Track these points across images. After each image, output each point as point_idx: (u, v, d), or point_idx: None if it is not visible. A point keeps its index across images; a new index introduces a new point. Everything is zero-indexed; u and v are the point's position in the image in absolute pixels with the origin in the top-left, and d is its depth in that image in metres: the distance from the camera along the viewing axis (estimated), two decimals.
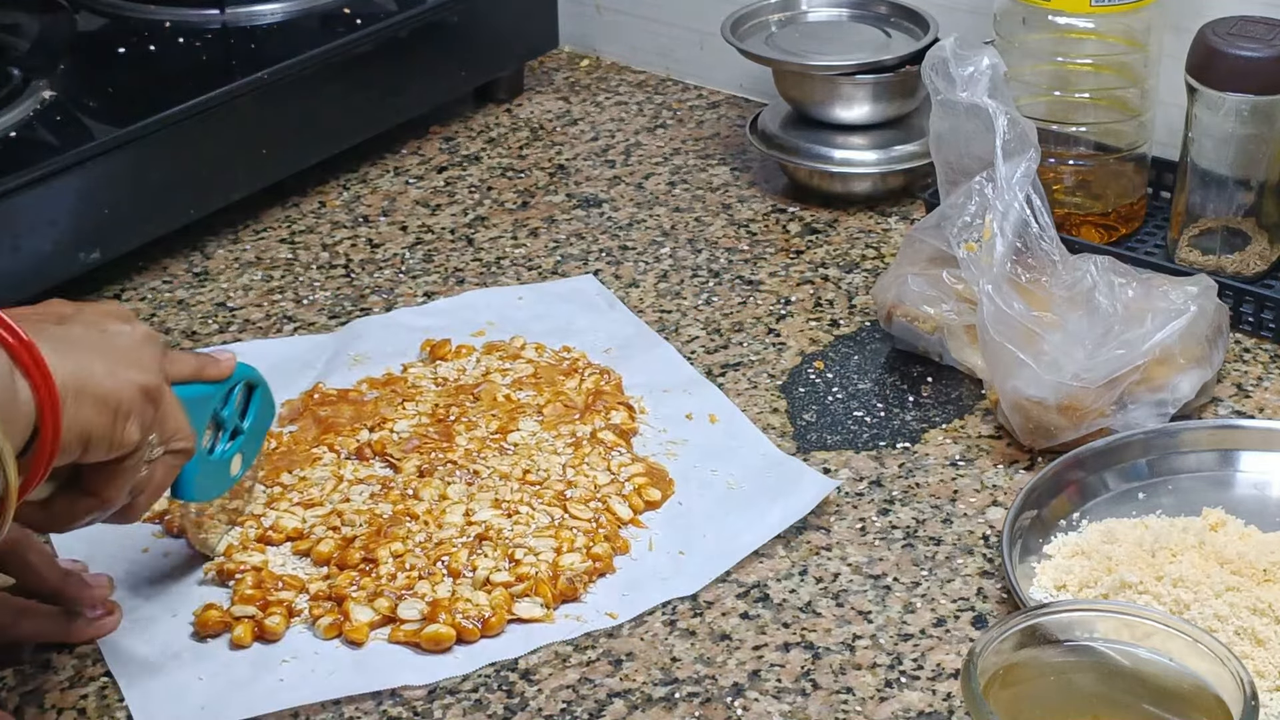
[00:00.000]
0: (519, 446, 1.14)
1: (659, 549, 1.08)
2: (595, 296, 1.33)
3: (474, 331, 1.28)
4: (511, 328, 1.29)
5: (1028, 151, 1.17)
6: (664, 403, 1.20)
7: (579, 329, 1.29)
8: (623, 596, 1.04)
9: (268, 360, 1.26)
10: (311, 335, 1.30)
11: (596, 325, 1.29)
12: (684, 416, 1.19)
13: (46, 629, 1.00)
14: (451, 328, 1.29)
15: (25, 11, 1.49)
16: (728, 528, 1.09)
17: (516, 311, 1.32)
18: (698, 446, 1.16)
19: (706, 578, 1.05)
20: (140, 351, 0.90)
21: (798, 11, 1.52)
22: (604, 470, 1.12)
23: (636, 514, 1.10)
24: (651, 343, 1.27)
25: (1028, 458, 1.15)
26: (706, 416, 1.19)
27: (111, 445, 0.88)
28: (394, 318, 1.31)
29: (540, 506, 1.08)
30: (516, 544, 1.05)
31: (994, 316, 1.13)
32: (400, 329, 1.29)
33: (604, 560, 1.05)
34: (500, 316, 1.30)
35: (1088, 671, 0.86)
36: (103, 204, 1.31)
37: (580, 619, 1.02)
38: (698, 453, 1.16)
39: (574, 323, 1.30)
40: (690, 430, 1.18)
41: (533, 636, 1.01)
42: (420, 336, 1.27)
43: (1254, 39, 1.22)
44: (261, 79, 1.40)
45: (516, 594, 1.02)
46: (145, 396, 0.89)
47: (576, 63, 1.74)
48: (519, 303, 1.33)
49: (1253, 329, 1.26)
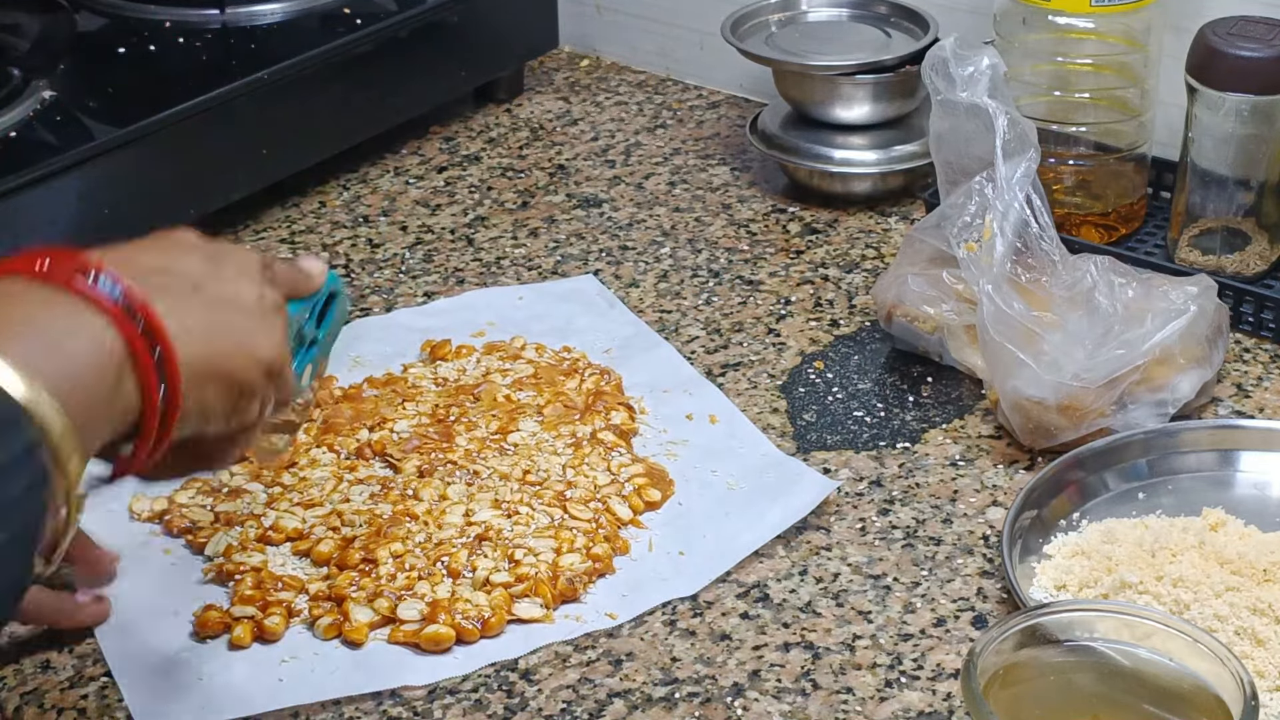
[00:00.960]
0: (519, 447, 1.14)
1: (659, 549, 1.08)
2: (595, 296, 1.33)
3: (474, 332, 1.28)
4: (511, 328, 1.29)
5: (1028, 151, 1.17)
6: (664, 403, 1.21)
7: (579, 329, 1.29)
8: (623, 597, 1.04)
9: None
10: None
11: (596, 325, 1.29)
12: (684, 417, 1.19)
13: (39, 608, 0.98)
14: (451, 328, 1.29)
15: (25, 11, 1.48)
16: (727, 528, 1.09)
17: (516, 312, 1.32)
18: (698, 447, 1.16)
19: (706, 578, 1.05)
20: (268, 323, 0.86)
21: (798, 11, 1.52)
22: (604, 471, 1.12)
23: (636, 514, 1.10)
24: (651, 343, 1.27)
25: (1028, 458, 1.15)
26: (707, 417, 1.19)
27: (229, 424, 0.84)
28: (394, 318, 1.31)
29: (540, 507, 1.08)
30: (516, 544, 1.05)
31: (994, 316, 1.13)
32: (400, 329, 1.29)
33: (604, 560, 1.05)
34: (500, 317, 1.30)
35: (1088, 671, 0.86)
36: (103, 204, 1.31)
37: (580, 619, 1.02)
38: (698, 453, 1.16)
39: (574, 323, 1.30)
40: (690, 430, 1.18)
41: (532, 637, 1.01)
42: (420, 337, 1.27)
43: (1254, 39, 1.22)
44: (261, 79, 1.40)
45: (516, 594, 1.02)
46: (267, 374, 0.85)
47: (576, 63, 1.74)
48: (519, 303, 1.33)
49: (1253, 329, 1.26)
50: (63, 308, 0.74)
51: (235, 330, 0.83)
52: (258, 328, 0.84)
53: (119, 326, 0.75)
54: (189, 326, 0.79)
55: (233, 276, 0.85)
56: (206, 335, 0.80)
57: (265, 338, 0.85)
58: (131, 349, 0.76)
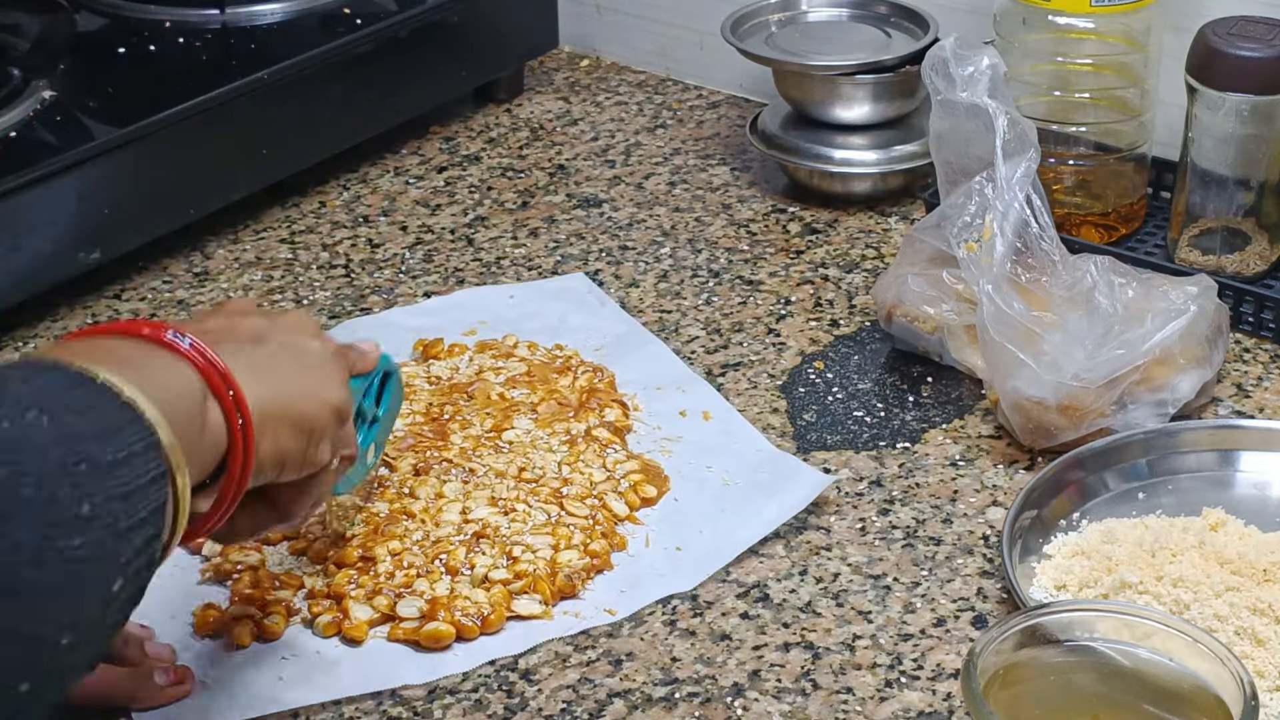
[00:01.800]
0: (514, 444, 1.14)
1: (656, 545, 1.08)
2: (586, 295, 1.33)
3: (465, 330, 1.28)
4: (503, 326, 1.29)
5: (1028, 151, 1.17)
6: (658, 400, 1.20)
7: (570, 327, 1.29)
8: (621, 593, 1.04)
9: None
10: None
11: (588, 324, 1.29)
12: (678, 414, 1.19)
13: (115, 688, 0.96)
14: (443, 327, 1.28)
15: (25, 11, 1.49)
16: (724, 524, 1.09)
17: (508, 310, 1.31)
18: (692, 443, 1.16)
19: (704, 574, 1.05)
20: (331, 369, 0.92)
21: (798, 11, 1.52)
22: (599, 467, 1.12)
23: (633, 510, 1.10)
24: (643, 340, 1.27)
25: (1028, 458, 1.15)
26: (700, 414, 1.19)
27: (304, 466, 0.89)
28: (386, 317, 1.31)
29: (537, 504, 1.08)
30: (514, 541, 1.05)
31: (994, 316, 1.13)
32: (393, 328, 1.29)
33: (601, 557, 1.05)
34: (492, 315, 1.30)
35: (1088, 671, 0.86)
36: (103, 204, 1.31)
37: (579, 615, 1.02)
38: (693, 449, 1.16)
39: (566, 321, 1.30)
40: (684, 427, 1.18)
41: (532, 633, 1.01)
42: (412, 336, 1.27)
43: (1254, 39, 1.22)
44: (261, 79, 1.40)
45: (515, 591, 1.02)
46: (336, 416, 0.90)
47: (576, 63, 1.74)
48: (510, 301, 1.33)
49: (1253, 329, 1.26)
50: (157, 355, 0.82)
51: (300, 374, 0.89)
52: (322, 372, 0.91)
53: (197, 368, 0.82)
54: (257, 372, 0.85)
55: (291, 328, 0.91)
56: (274, 379, 0.87)
57: (330, 381, 0.91)
58: (210, 388, 0.82)
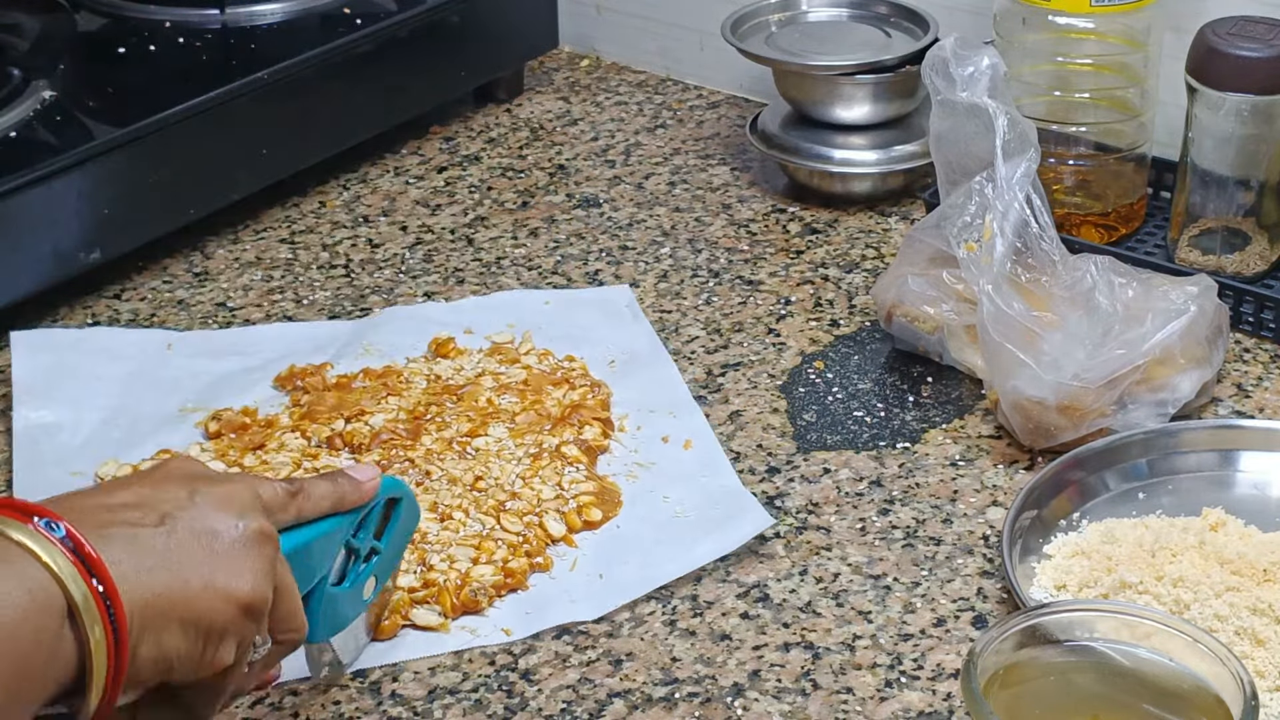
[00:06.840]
0: (480, 452, 1.13)
1: (580, 570, 1.06)
2: (623, 308, 1.31)
3: (494, 332, 1.28)
4: (532, 331, 1.28)
5: (1028, 151, 1.17)
6: (645, 423, 1.19)
7: (593, 339, 1.27)
8: (525, 615, 1.02)
9: (286, 342, 1.27)
10: (335, 322, 1.31)
11: (610, 337, 1.28)
12: (660, 439, 1.17)
13: None
14: (474, 325, 1.28)
15: (25, 11, 1.49)
16: (654, 556, 1.07)
17: (538, 315, 1.30)
18: (661, 471, 1.14)
19: (610, 605, 1.03)
20: (247, 556, 0.80)
21: (798, 11, 1.52)
22: (553, 485, 1.11)
23: (571, 532, 1.08)
24: (657, 361, 1.25)
25: (1028, 458, 1.15)
26: (683, 441, 1.17)
27: (199, 669, 0.79)
28: (420, 309, 1.31)
29: (475, 514, 1.07)
30: (436, 549, 1.05)
31: (994, 316, 1.13)
32: (421, 321, 1.29)
33: (517, 576, 1.04)
34: (521, 319, 1.30)
35: (1088, 671, 0.86)
36: (103, 204, 1.31)
37: (475, 632, 1.01)
38: (659, 477, 1.14)
39: (590, 333, 1.28)
40: (660, 453, 1.16)
41: (421, 644, 1.00)
42: (438, 330, 1.27)
43: (1254, 39, 1.22)
44: (261, 79, 1.40)
45: (418, 600, 1.02)
46: (246, 613, 0.79)
47: (576, 63, 1.74)
48: (545, 307, 1.32)
49: (1253, 329, 1.26)
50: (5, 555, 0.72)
51: (203, 563, 0.78)
52: (230, 560, 0.79)
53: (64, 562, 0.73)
54: (146, 564, 0.76)
55: (210, 508, 0.80)
56: (165, 572, 0.76)
57: (240, 571, 0.79)
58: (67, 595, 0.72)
